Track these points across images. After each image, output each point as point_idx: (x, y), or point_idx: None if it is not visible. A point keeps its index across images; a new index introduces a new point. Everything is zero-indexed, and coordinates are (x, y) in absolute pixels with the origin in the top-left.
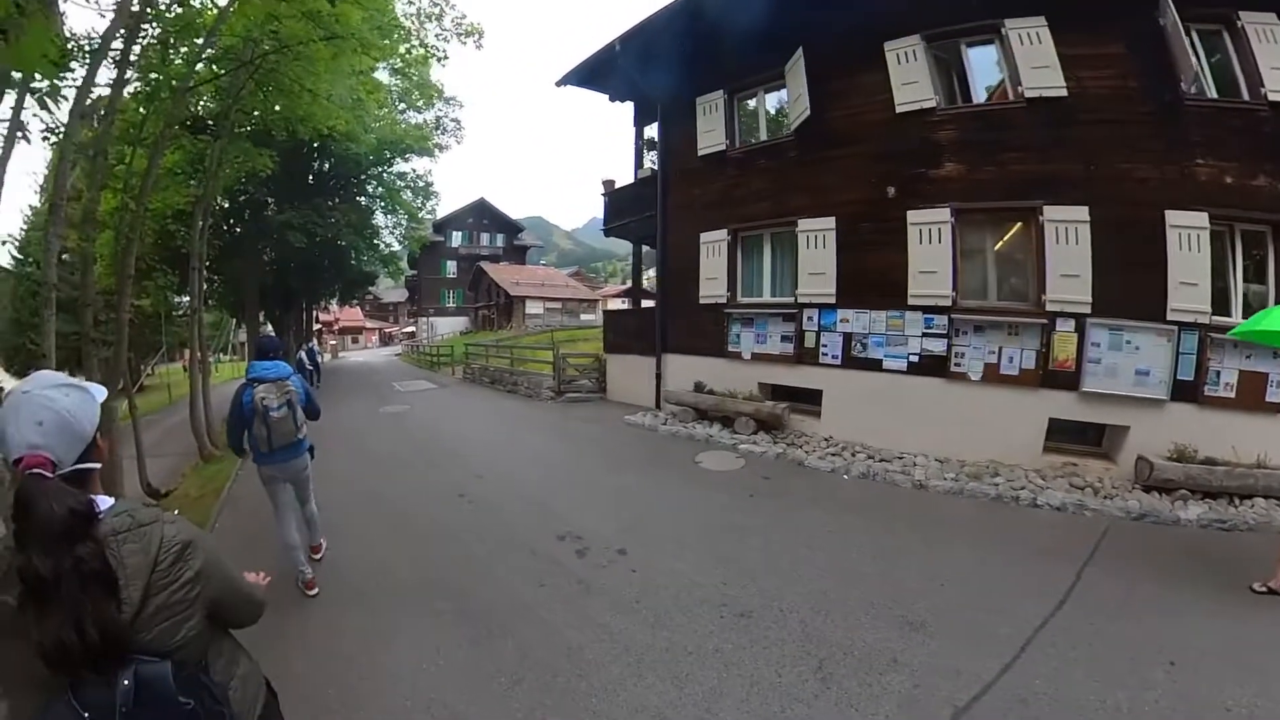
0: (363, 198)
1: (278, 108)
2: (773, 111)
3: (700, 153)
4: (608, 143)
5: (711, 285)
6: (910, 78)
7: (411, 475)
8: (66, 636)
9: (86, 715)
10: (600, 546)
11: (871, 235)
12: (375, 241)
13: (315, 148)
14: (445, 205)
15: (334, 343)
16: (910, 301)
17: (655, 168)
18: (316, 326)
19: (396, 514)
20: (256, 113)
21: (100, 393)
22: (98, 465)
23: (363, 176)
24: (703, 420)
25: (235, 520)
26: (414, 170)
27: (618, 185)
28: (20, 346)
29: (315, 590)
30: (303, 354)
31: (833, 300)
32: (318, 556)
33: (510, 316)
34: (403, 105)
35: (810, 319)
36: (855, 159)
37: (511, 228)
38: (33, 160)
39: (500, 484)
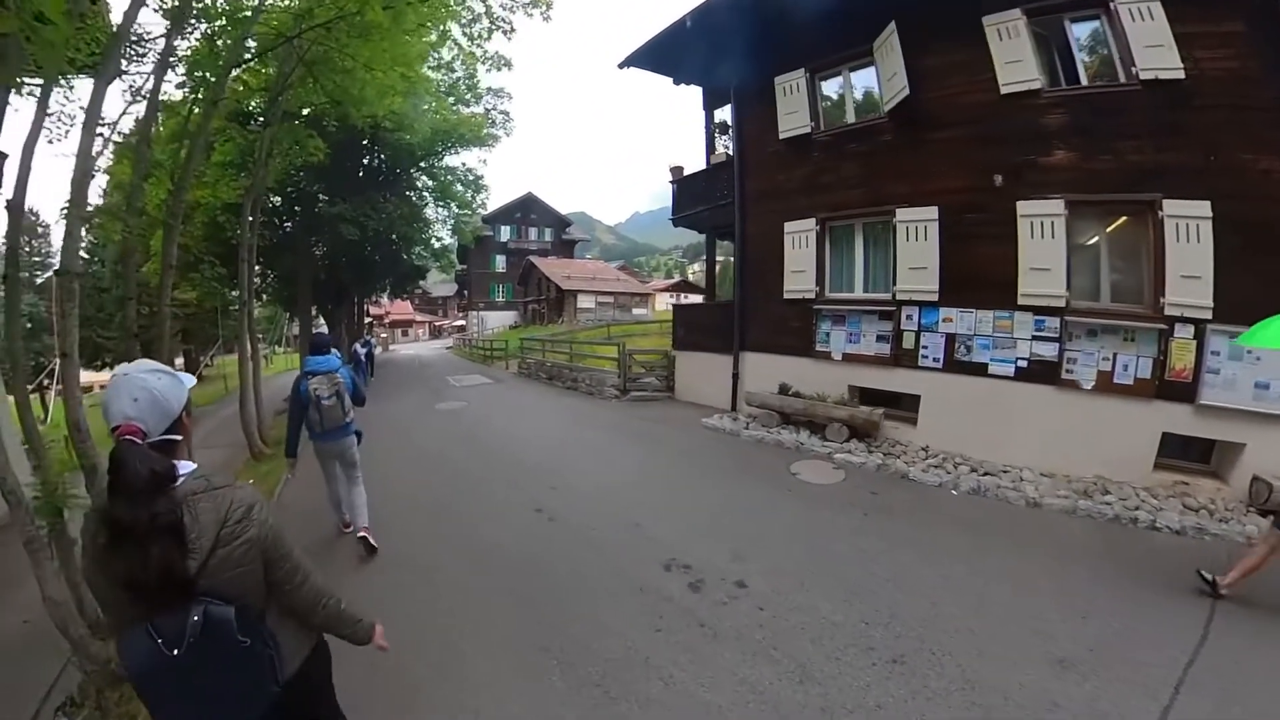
0: (412, 192)
1: (329, 87)
2: (859, 92)
3: (782, 135)
4: (657, 133)
5: (798, 279)
6: (1014, 56)
7: (479, 486)
8: (137, 574)
9: (159, 640)
10: (715, 578)
11: (978, 227)
12: (426, 234)
13: (367, 141)
14: (492, 200)
15: (384, 335)
16: (1020, 301)
17: (729, 152)
18: (368, 319)
19: (470, 536)
20: (307, 110)
21: (189, 380)
22: (180, 437)
23: (414, 170)
24: (787, 425)
25: (286, 528)
26: (464, 164)
27: (686, 172)
28: (88, 339)
29: (350, 529)
30: (358, 347)
31: (935, 298)
32: (373, 542)
33: (561, 310)
34: (451, 99)
35: (910, 318)
36: (958, 144)
37: (559, 222)
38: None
39: (580, 497)
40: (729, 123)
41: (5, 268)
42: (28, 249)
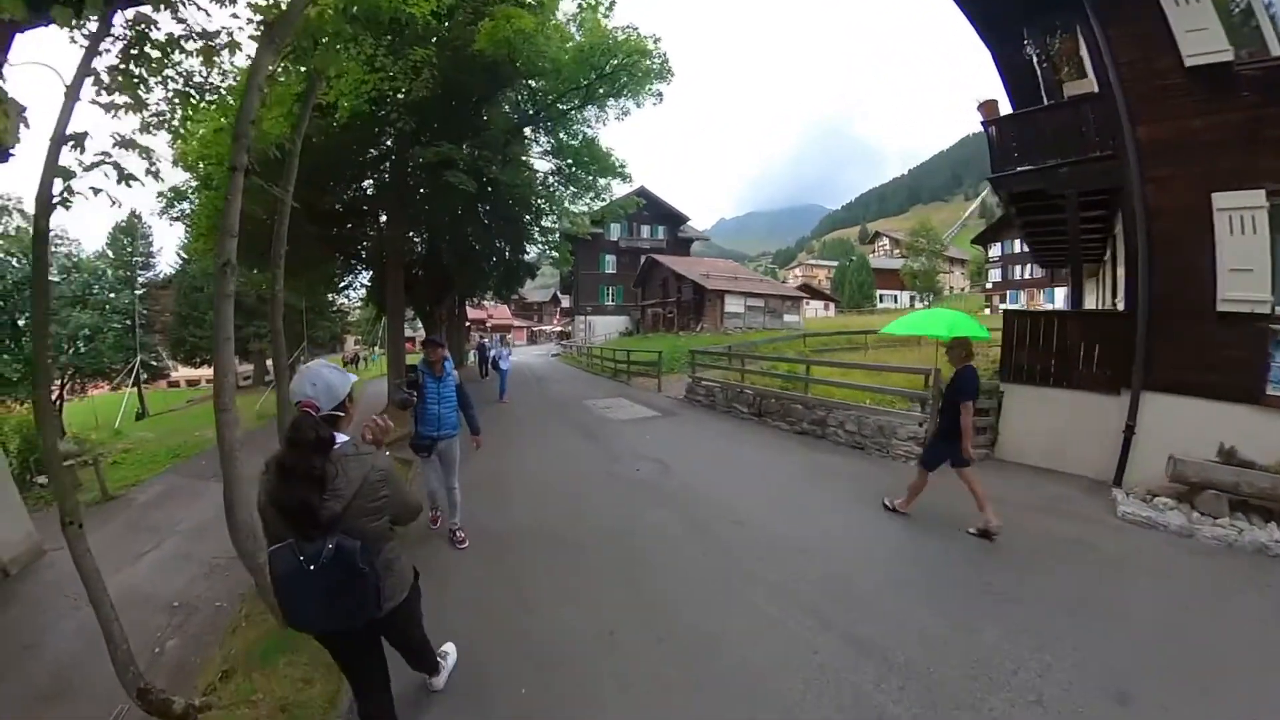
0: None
1: None
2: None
3: (1187, 62)
4: (740, 140)
5: (1239, 282)
6: None
7: None
8: (285, 502)
9: (301, 558)
10: None
11: None
12: (546, 219)
13: (484, 73)
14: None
15: (483, 340)
16: None
17: (1097, 79)
18: (466, 324)
19: None
20: None
21: (353, 377)
22: (342, 414)
23: (542, 125)
24: (1236, 513)
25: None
26: (591, 136)
27: (1006, 111)
28: (183, 339)
29: (438, 526)
30: (491, 352)
31: None
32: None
33: (701, 315)
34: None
35: None
36: None
37: (674, 218)
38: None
39: None
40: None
41: None
42: (129, 250)
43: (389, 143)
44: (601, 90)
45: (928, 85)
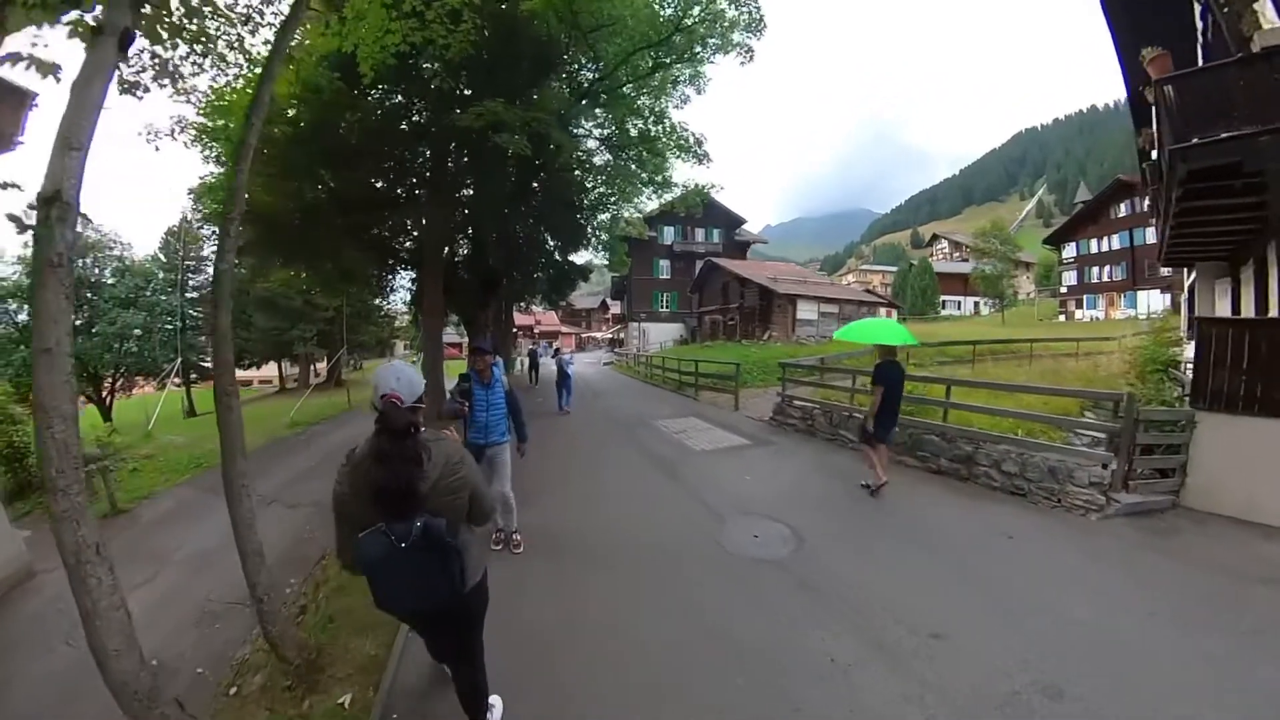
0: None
1: None
2: None
3: None
4: (782, 145)
5: None
6: None
7: None
8: (389, 484)
9: (392, 537)
10: None
11: None
12: (613, 194)
13: (533, 46)
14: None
15: (533, 346)
16: None
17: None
18: (514, 329)
19: None
20: None
21: (424, 378)
22: (423, 406)
23: (602, 87)
24: None
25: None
26: (659, 110)
27: (1179, 69)
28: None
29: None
30: (546, 356)
31: None
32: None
33: (768, 322)
34: None
35: None
36: None
37: (730, 220)
38: None
39: None
40: None
41: None
42: (179, 252)
43: (427, 111)
44: (675, 43)
45: (976, 85)
